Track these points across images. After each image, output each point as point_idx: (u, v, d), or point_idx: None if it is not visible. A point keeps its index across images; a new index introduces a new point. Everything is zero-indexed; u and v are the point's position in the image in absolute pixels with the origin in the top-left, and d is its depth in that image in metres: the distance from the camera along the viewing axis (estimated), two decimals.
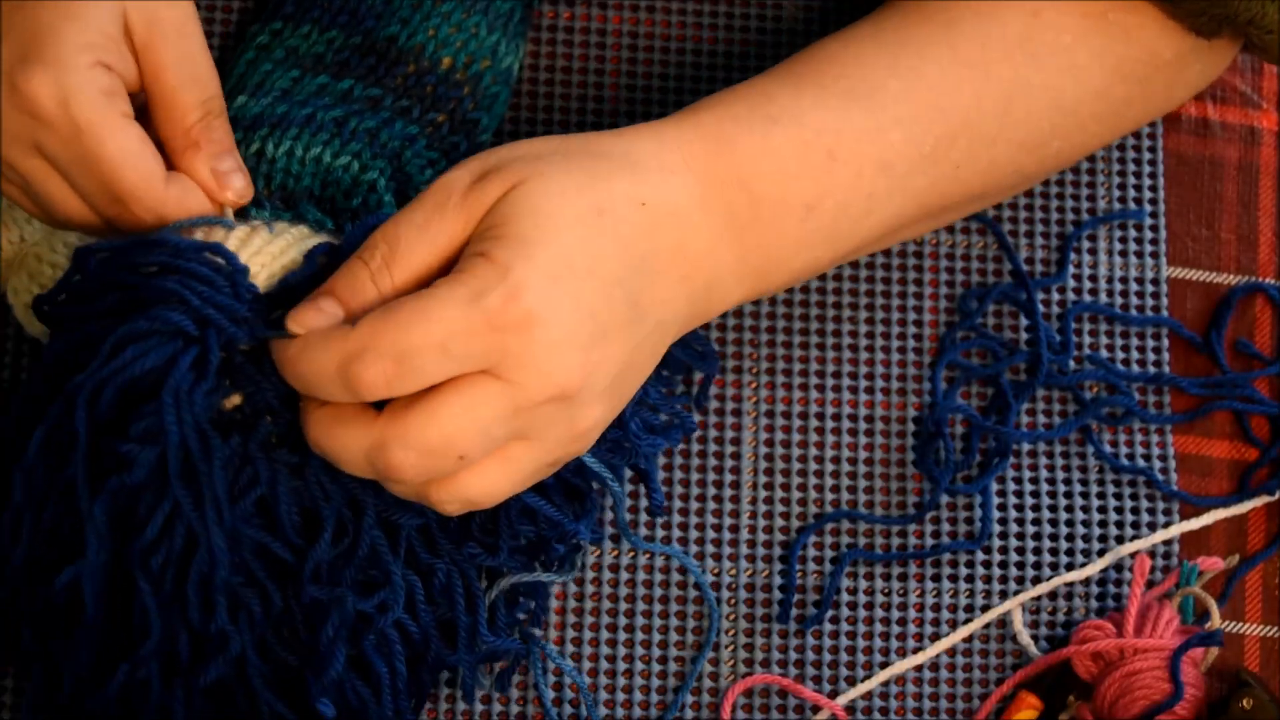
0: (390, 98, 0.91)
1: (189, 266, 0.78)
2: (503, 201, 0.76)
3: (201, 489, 0.77)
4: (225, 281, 0.78)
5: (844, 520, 0.94)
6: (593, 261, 0.76)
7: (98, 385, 0.76)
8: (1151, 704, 0.89)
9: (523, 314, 0.74)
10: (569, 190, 0.77)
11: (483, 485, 0.76)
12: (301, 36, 0.92)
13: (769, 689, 0.92)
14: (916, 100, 0.84)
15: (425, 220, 0.77)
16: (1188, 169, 1.01)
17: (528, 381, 0.74)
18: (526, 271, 0.74)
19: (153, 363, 0.76)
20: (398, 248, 0.76)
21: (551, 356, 0.75)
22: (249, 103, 0.90)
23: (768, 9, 1.00)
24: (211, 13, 0.97)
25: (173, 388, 0.76)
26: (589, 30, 0.99)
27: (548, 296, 0.74)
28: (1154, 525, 0.95)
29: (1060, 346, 0.97)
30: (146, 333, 0.77)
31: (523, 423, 0.75)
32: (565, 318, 0.75)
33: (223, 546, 0.77)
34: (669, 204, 0.79)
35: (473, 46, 0.93)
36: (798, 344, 0.96)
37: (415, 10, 0.92)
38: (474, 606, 0.84)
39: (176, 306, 0.77)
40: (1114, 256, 0.99)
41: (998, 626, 0.94)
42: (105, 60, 0.81)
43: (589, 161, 0.78)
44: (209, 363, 0.77)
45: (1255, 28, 0.86)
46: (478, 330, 0.73)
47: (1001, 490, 0.95)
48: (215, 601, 0.78)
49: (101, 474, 0.77)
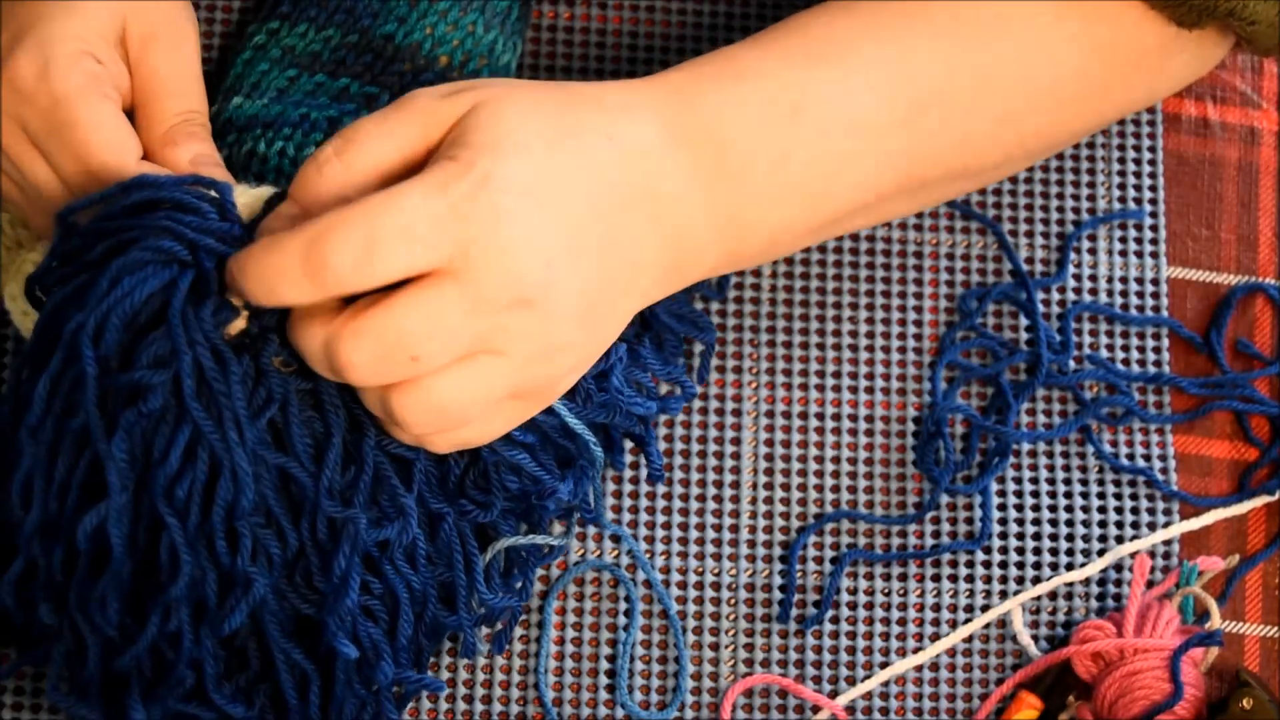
0: (387, 95, 0.91)
1: (174, 197, 0.77)
2: (471, 114, 0.75)
3: (220, 408, 0.75)
4: (212, 208, 0.77)
5: (844, 520, 0.94)
6: (562, 179, 0.75)
7: (100, 320, 0.75)
8: (1151, 704, 0.89)
9: (489, 205, 0.73)
10: (538, 113, 0.76)
11: (449, 392, 0.74)
12: (298, 35, 0.92)
13: (769, 689, 0.92)
14: (888, 66, 0.83)
15: (384, 118, 0.76)
16: (1188, 169, 1.01)
17: (488, 278, 0.73)
18: (495, 168, 0.73)
19: (151, 288, 0.75)
20: (353, 139, 0.75)
21: (514, 253, 0.73)
22: (244, 103, 0.90)
23: (768, 9, 1.00)
24: (211, 13, 0.97)
25: (177, 309, 0.75)
26: (589, 30, 0.99)
27: (515, 197, 0.73)
28: (1154, 525, 0.95)
29: (1060, 346, 0.97)
30: (141, 262, 0.75)
31: (485, 326, 0.74)
32: (531, 220, 0.73)
33: (246, 469, 0.76)
34: (636, 143, 0.78)
35: (469, 44, 0.93)
36: (798, 344, 0.96)
37: (412, 8, 0.92)
38: (471, 565, 0.84)
39: (166, 235, 0.76)
40: (1114, 256, 0.99)
41: (998, 626, 0.94)
42: (94, 53, 0.82)
43: (559, 94, 0.78)
44: (208, 282, 0.76)
45: (1235, 19, 0.86)
46: (444, 218, 0.72)
47: (1001, 490, 0.95)
48: (240, 533, 0.77)
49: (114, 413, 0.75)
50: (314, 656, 0.81)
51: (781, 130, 0.82)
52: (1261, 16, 0.86)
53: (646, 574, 0.92)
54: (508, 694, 0.90)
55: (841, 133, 0.83)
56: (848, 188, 0.84)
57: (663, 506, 0.93)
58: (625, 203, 0.78)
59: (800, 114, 0.82)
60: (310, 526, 0.79)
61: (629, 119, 0.79)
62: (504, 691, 0.90)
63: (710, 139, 0.80)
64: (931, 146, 0.85)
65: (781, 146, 0.82)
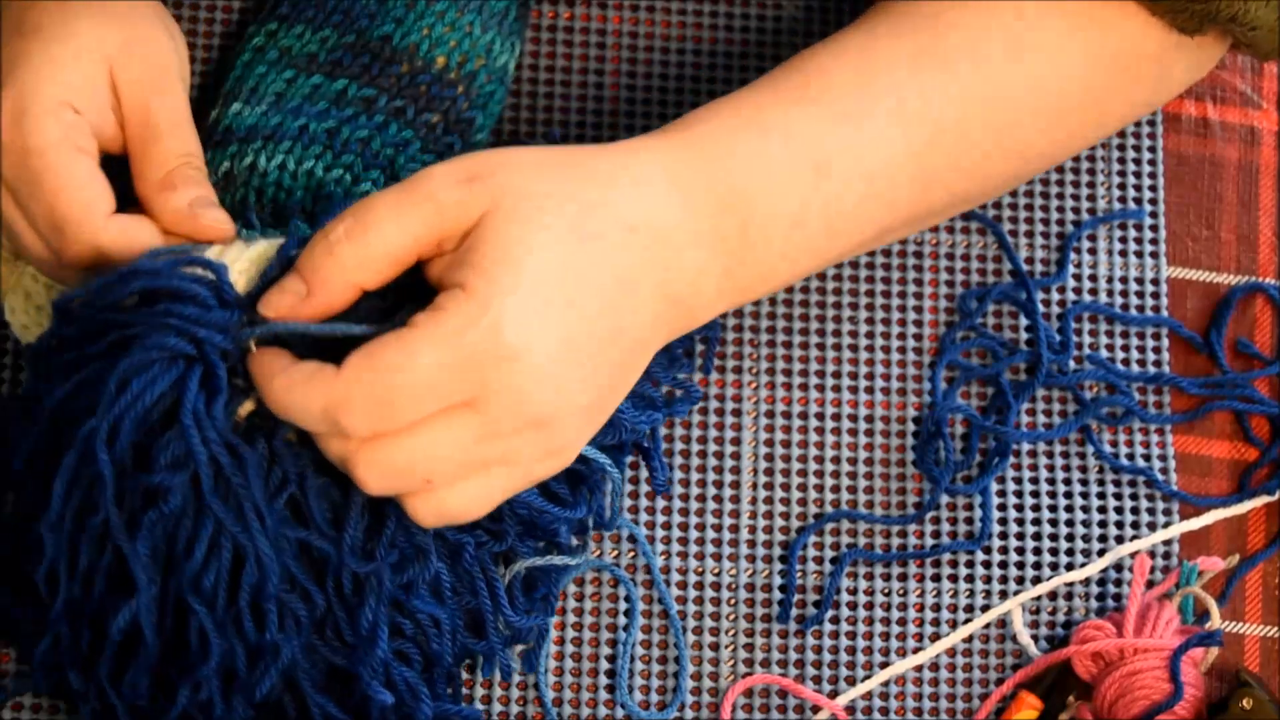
0: (384, 98, 0.91)
1: (171, 286, 0.77)
2: (484, 224, 0.76)
3: (240, 502, 0.77)
4: (210, 292, 0.77)
5: (844, 520, 0.94)
6: (574, 292, 0.76)
7: (113, 424, 0.76)
8: (1151, 704, 0.89)
9: (503, 350, 0.74)
10: (552, 214, 0.76)
11: (459, 503, 0.77)
12: (295, 36, 0.92)
13: (769, 689, 0.92)
14: (906, 112, 0.84)
15: (397, 203, 0.76)
16: (1188, 169, 1.01)
17: (503, 414, 0.75)
18: (507, 306, 0.74)
19: (161, 388, 0.76)
20: (365, 221, 0.76)
21: (527, 389, 0.75)
22: (243, 110, 0.90)
23: (768, 9, 1.00)
24: (212, 13, 0.97)
25: (189, 409, 0.76)
26: (589, 30, 0.99)
27: (527, 330, 0.74)
28: (1154, 525, 0.95)
29: (1060, 346, 0.97)
30: (147, 363, 0.76)
31: (498, 449, 0.76)
32: (544, 350, 0.75)
33: (270, 554, 0.77)
34: (656, 225, 0.79)
35: (466, 45, 0.93)
36: (798, 344, 0.96)
37: (409, 9, 0.92)
38: (494, 590, 0.85)
39: (169, 331, 0.76)
40: (1114, 256, 0.99)
41: (998, 626, 0.94)
42: (76, 103, 0.81)
43: (576, 182, 0.78)
44: (217, 377, 0.76)
45: (1238, 24, 0.86)
46: (458, 369, 0.74)
47: (1001, 490, 0.95)
48: (266, 610, 0.78)
49: (134, 511, 0.77)
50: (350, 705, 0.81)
51: (803, 191, 0.82)
52: (1263, 21, 0.86)
53: (652, 570, 0.92)
54: (508, 694, 0.90)
55: (859, 184, 0.83)
56: (859, 233, 0.85)
57: (663, 506, 0.93)
58: (639, 293, 0.79)
59: (823, 173, 0.82)
60: (335, 585, 0.80)
61: (650, 198, 0.79)
62: (504, 691, 0.90)
63: (733, 209, 0.81)
64: (943, 181, 0.86)
65: (802, 207, 0.82)
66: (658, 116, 0.98)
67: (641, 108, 0.98)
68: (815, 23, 1.00)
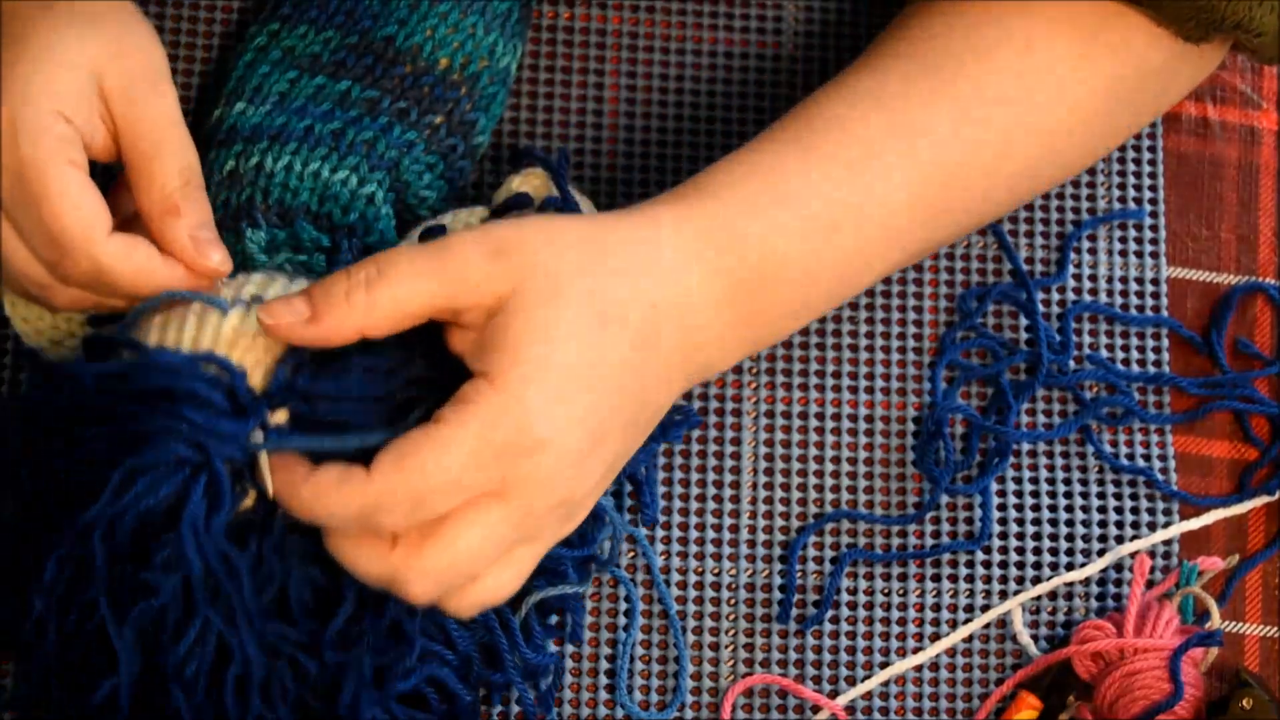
0: (388, 99, 0.91)
1: (185, 388, 0.77)
2: (510, 309, 0.77)
3: (231, 604, 0.77)
4: (223, 397, 0.77)
5: (844, 520, 0.94)
6: (597, 375, 0.77)
7: (112, 519, 0.77)
8: (1151, 704, 0.89)
9: (530, 442, 0.75)
10: (576, 299, 0.77)
11: (495, 590, 0.79)
12: (298, 37, 0.92)
13: (769, 689, 0.92)
14: (919, 160, 0.85)
15: (425, 269, 0.77)
16: (1188, 169, 1.01)
17: (534, 500, 0.77)
18: (533, 400, 0.75)
19: (164, 494, 0.77)
20: (386, 275, 0.76)
21: (554, 476, 0.77)
22: (248, 109, 0.90)
23: (768, 9, 1.00)
24: (212, 13, 0.97)
25: (189, 520, 0.77)
26: (589, 30, 0.99)
27: (553, 421, 0.76)
28: (1154, 525, 0.95)
29: (1060, 346, 0.97)
30: (154, 465, 0.77)
31: (527, 530, 0.78)
32: (569, 437, 0.76)
33: (257, 652, 0.78)
34: (677, 301, 0.80)
35: (469, 47, 0.93)
36: (798, 344, 0.96)
37: (412, 11, 0.92)
38: (507, 626, 0.85)
39: (179, 439, 0.77)
40: (1114, 256, 0.99)
41: (998, 626, 0.94)
42: (66, 113, 0.80)
43: (599, 259, 0.79)
44: (222, 492, 0.77)
45: (1243, 31, 0.86)
46: (487, 463, 0.75)
47: (1001, 490, 0.95)
48: (250, 696, 0.78)
49: (124, 596, 0.77)
50: None
51: (818, 249, 0.83)
52: (1268, 27, 0.86)
53: (652, 570, 0.92)
54: (508, 694, 0.90)
55: (872, 233, 0.85)
56: (869, 273, 0.86)
57: (663, 506, 0.93)
58: (659, 367, 0.80)
59: (837, 231, 0.84)
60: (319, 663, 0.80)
61: (673, 274, 0.80)
62: (504, 691, 0.90)
63: (752, 276, 0.82)
64: (952, 215, 0.88)
65: (817, 264, 0.84)
66: (657, 116, 0.98)
67: (641, 108, 0.98)
68: (816, 23, 1.00)
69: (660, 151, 0.98)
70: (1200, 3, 0.85)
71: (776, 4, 1.00)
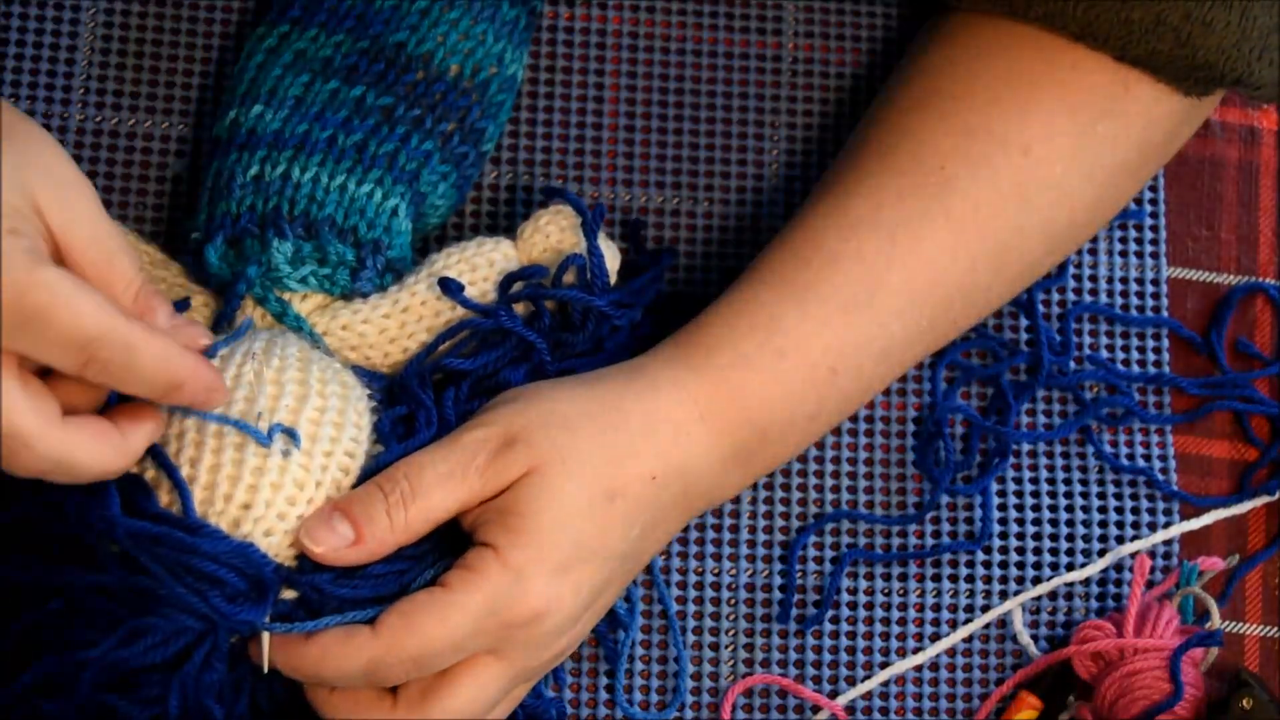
0: (402, 106, 0.90)
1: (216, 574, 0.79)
2: (521, 488, 0.80)
3: None
4: (249, 585, 0.79)
5: (844, 520, 0.94)
6: (599, 546, 0.81)
7: (106, 666, 0.79)
8: (1151, 704, 0.89)
9: (529, 613, 0.79)
10: (584, 477, 0.80)
11: None
12: (309, 40, 0.92)
13: (769, 689, 0.92)
14: (915, 285, 0.86)
15: (449, 473, 0.80)
16: (1188, 169, 1.01)
17: (530, 661, 0.81)
18: (537, 573, 0.79)
19: (164, 655, 0.79)
20: (418, 489, 0.80)
21: (550, 640, 0.81)
22: (266, 113, 0.89)
23: (768, 9, 1.00)
24: (211, 13, 0.97)
25: (181, 678, 0.79)
26: (589, 30, 0.99)
27: (554, 594, 0.79)
28: (1154, 525, 0.95)
29: (1060, 346, 0.97)
30: (159, 629, 0.79)
31: (521, 679, 0.82)
32: (569, 606, 0.80)
33: None
34: (681, 465, 0.83)
35: (480, 54, 0.93)
36: None
37: (423, 17, 0.92)
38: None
39: (191, 614, 0.79)
40: (1114, 256, 0.99)
41: (998, 626, 0.94)
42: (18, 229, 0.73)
43: (608, 434, 0.82)
44: (218, 668, 0.80)
45: (1242, 85, 0.87)
46: (489, 630, 0.79)
47: (1001, 490, 0.95)
48: None
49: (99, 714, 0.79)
50: None
51: (820, 392, 0.85)
52: (1266, 80, 0.87)
53: (652, 570, 0.92)
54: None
55: (872, 366, 0.86)
56: (870, 394, 0.88)
57: None
58: (660, 525, 0.84)
59: (838, 372, 0.86)
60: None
61: (678, 438, 0.83)
62: None
63: (754, 427, 0.85)
64: (952, 329, 0.89)
65: (819, 405, 0.86)
66: (657, 116, 0.98)
67: (641, 108, 0.98)
68: (815, 24, 1.00)
69: (660, 152, 0.98)
70: (1198, 60, 0.85)
71: (776, 4, 1.00)
